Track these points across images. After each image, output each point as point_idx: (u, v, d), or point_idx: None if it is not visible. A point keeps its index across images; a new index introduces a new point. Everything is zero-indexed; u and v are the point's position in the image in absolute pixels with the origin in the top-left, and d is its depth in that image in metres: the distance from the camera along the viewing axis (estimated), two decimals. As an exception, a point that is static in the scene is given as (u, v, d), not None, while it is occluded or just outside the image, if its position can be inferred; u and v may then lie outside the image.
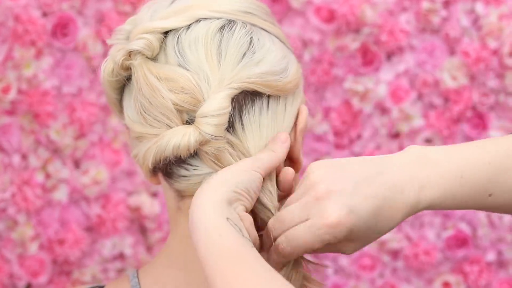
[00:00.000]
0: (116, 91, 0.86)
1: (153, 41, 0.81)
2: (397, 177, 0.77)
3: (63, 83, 1.35)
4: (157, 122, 0.80)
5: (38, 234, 1.36)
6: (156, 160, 0.80)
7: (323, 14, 1.37)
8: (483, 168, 0.80)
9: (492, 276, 1.41)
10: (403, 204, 0.77)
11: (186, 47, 0.81)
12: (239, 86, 0.79)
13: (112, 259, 1.38)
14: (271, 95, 0.81)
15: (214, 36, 0.81)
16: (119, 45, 0.84)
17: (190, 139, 0.78)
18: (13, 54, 1.32)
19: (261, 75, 0.80)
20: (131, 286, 0.88)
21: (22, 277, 1.35)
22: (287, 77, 0.82)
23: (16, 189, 1.34)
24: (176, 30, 0.82)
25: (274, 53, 0.83)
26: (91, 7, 1.35)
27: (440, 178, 0.78)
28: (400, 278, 1.41)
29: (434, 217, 1.40)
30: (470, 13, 1.38)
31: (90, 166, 1.36)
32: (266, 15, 0.87)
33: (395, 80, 1.38)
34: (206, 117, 0.77)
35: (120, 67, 0.82)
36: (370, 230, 0.76)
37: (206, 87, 0.79)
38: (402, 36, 1.37)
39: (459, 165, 0.79)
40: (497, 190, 0.80)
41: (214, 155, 0.79)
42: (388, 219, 0.77)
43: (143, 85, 0.80)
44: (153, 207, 1.37)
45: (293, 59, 0.86)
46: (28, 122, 1.34)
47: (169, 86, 0.79)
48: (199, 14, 0.82)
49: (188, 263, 0.85)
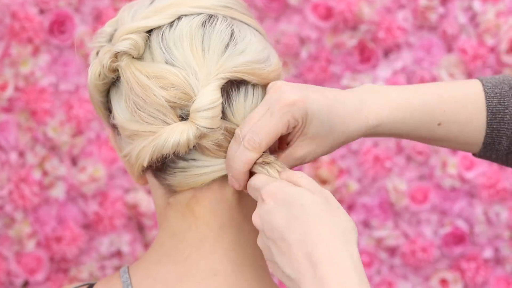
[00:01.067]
0: (102, 94, 0.87)
1: (138, 41, 0.82)
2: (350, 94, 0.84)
3: (60, 80, 1.35)
4: (153, 119, 0.81)
5: (35, 231, 1.36)
6: (153, 158, 0.81)
7: (320, 12, 1.37)
8: (431, 97, 0.85)
9: (489, 273, 1.41)
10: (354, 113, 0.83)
11: (171, 44, 0.82)
12: (226, 76, 0.80)
13: (110, 256, 1.38)
14: (255, 84, 0.83)
15: (197, 31, 0.82)
16: (104, 48, 0.84)
17: (189, 135, 0.79)
18: (10, 51, 1.32)
19: (246, 63, 0.82)
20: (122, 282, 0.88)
21: (19, 275, 1.35)
22: (271, 66, 0.84)
23: (13, 187, 1.34)
24: (159, 28, 0.83)
25: (256, 44, 0.84)
26: (88, 4, 1.34)
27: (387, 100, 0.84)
28: (397, 275, 1.42)
29: (431, 214, 1.41)
30: (467, 10, 1.38)
31: (88, 164, 1.36)
32: (245, 9, 0.89)
33: (393, 77, 1.38)
34: (201, 112, 0.78)
35: (108, 70, 0.83)
36: (325, 125, 0.81)
37: (195, 81, 0.80)
38: (400, 33, 1.37)
39: (408, 95, 0.85)
40: (446, 120, 0.85)
41: (215, 144, 0.80)
42: (342, 122, 0.82)
43: (134, 84, 0.81)
44: (150, 204, 1.37)
45: (273, 52, 0.88)
46: (25, 119, 1.34)
47: (160, 83, 0.80)
48: (180, 11, 0.83)
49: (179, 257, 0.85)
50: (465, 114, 0.86)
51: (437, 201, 1.40)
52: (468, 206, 1.41)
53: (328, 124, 0.81)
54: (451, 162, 1.39)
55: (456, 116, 0.86)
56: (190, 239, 0.83)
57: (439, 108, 0.85)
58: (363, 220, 1.40)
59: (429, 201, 1.40)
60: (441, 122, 0.86)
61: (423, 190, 1.40)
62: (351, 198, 1.40)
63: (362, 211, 1.40)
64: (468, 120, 0.86)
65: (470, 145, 0.88)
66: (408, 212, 1.40)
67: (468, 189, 1.41)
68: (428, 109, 0.85)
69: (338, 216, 0.74)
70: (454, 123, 0.86)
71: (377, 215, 1.40)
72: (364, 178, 1.40)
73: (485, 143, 0.87)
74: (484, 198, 1.40)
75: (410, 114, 0.84)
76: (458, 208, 1.41)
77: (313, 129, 0.81)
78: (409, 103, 0.85)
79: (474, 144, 0.87)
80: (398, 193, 1.39)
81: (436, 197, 1.40)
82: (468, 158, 1.39)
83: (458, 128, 0.86)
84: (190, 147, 0.80)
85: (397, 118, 0.84)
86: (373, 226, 1.40)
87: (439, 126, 0.86)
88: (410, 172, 1.40)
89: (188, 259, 0.84)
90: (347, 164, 1.40)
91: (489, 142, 0.87)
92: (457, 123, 0.86)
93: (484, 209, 1.40)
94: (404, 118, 0.84)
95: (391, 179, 1.40)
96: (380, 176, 1.39)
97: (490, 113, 0.86)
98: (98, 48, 0.86)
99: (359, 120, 0.83)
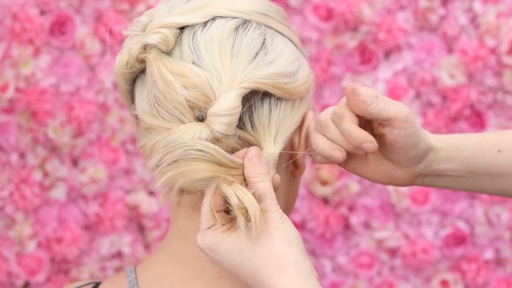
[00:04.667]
0: (128, 82, 0.87)
1: (169, 36, 0.81)
2: None
3: (61, 81, 1.35)
4: (170, 116, 0.81)
5: (36, 232, 1.36)
6: (164, 154, 0.81)
7: (321, 13, 1.37)
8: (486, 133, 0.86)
9: (490, 274, 1.41)
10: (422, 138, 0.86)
11: (201, 45, 0.81)
12: (250, 86, 0.80)
13: (110, 257, 1.38)
14: (280, 97, 0.82)
15: (229, 36, 0.82)
16: (135, 37, 0.85)
17: (201, 136, 0.78)
18: (11, 52, 1.32)
19: (272, 76, 0.81)
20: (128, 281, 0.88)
21: (20, 276, 1.35)
22: (297, 81, 0.84)
23: (14, 188, 1.34)
24: (192, 26, 0.83)
25: (287, 56, 0.84)
26: (89, 5, 1.35)
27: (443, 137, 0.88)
28: (398, 276, 1.41)
29: (431, 215, 1.40)
30: (468, 11, 1.38)
31: (88, 165, 1.36)
32: (282, 18, 0.88)
33: (393, 78, 1.38)
34: (217, 116, 0.78)
35: (135, 60, 0.83)
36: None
37: (218, 85, 0.79)
38: (400, 34, 1.37)
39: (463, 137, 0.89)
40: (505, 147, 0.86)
41: (227, 151, 0.80)
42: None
43: (158, 79, 0.81)
44: (151, 205, 1.37)
45: (305, 64, 0.88)
46: (26, 120, 1.34)
47: (183, 82, 0.80)
48: (216, 12, 0.83)
49: (186, 258, 0.85)
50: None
51: (437, 202, 1.40)
52: (469, 207, 1.41)
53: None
54: (451, 163, 1.39)
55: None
56: None
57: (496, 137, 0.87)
58: (364, 221, 1.40)
59: (429, 202, 1.40)
60: (501, 149, 0.86)
61: (424, 191, 1.40)
62: (352, 199, 1.40)
63: (363, 212, 1.40)
64: None
65: None
66: (409, 213, 1.40)
67: (468, 190, 1.41)
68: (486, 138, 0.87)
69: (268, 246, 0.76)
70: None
71: (377, 216, 1.40)
72: (364, 180, 1.40)
73: None
74: (485, 199, 1.40)
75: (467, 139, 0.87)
76: (459, 209, 1.41)
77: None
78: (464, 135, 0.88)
79: None
80: (398, 194, 1.39)
81: (437, 198, 1.40)
82: (469, 159, 1.39)
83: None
84: None
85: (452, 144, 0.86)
86: (374, 227, 1.40)
87: (499, 152, 0.85)
88: (410, 173, 1.40)
89: (195, 261, 0.84)
90: (347, 165, 1.40)
91: None
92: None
93: (484, 210, 1.40)
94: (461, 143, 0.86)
95: (391, 180, 1.39)
96: (381, 177, 1.39)
97: None
98: (132, 36, 0.86)
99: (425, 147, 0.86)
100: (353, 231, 1.41)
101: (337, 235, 1.41)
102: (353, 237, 1.41)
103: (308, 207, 1.40)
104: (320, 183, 1.39)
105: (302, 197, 1.40)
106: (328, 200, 1.41)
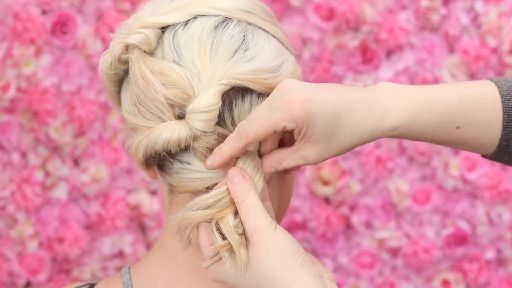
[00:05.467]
0: (115, 84, 0.88)
1: (150, 36, 0.82)
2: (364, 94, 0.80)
3: (62, 81, 1.35)
4: (151, 114, 0.81)
5: (38, 232, 1.36)
6: (146, 153, 0.82)
7: (322, 12, 1.37)
8: (452, 100, 0.82)
9: (492, 274, 1.41)
10: (367, 116, 0.79)
11: (181, 44, 0.82)
12: (229, 82, 0.80)
13: (112, 257, 1.38)
14: (261, 93, 0.82)
15: (209, 34, 0.82)
16: (118, 39, 0.85)
17: (180, 134, 0.79)
18: (13, 52, 1.32)
19: (252, 71, 0.81)
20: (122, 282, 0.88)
21: (21, 275, 1.35)
22: (279, 76, 0.83)
23: (16, 187, 1.34)
24: (173, 26, 0.83)
25: (268, 51, 0.83)
26: (91, 5, 1.35)
27: (407, 102, 0.80)
28: (399, 276, 1.41)
29: (433, 215, 1.40)
30: (469, 11, 1.38)
31: (90, 164, 1.36)
32: (266, 15, 0.87)
33: (395, 78, 1.38)
34: (196, 113, 0.78)
35: (118, 61, 0.83)
36: (331, 128, 0.78)
37: (197, 83, 0.80)
38: (402, 34, 1.37)
39: (428, 95, 0.82)
40: (465, 123, 0.83)
41: (207, 149, 0.80)
42: (351, 124, 0.78)
43: (139, 78, 0.81)
44: (153, 205, 1.37)
45: (291, 60, 0.87)
46: (27, 120, 1.34)
47: (162, 80, 0.80)
48: (197, 11, 0.83)
49: (180, 255, 0.85)
50: (483, 117, 0.84)
51: (439, 202, 1.40)
52: (470, 207, 1.41)
53: (334, 127, 0.78)
54: (453, 163, 1.39)
55: (474, 119, 0.84)
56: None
57: (459, 111, 0.83)
58: (365, 221, 1.40)
59: (431, 202, 1.40)
60: (460, 125, 0.84)
61: (425, 191, 1.40)
62: (353, 199, 1.40)
63: (364, 212, 1.40)
64: (486, 123, 0.84)
65: (484, 147, 0.86)
66: (410, 213, 1.40)
67: (470, 190, 1.40)
68: (449, 112, 0.83)
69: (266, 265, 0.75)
70: (472, 126, 0.84)
71: (379, 216, 1.40)
72: (366, 179, 1.40)
73: (500, 146, 0.85)
74: (486, 199, 1.40)
75: (429, 114, 0.82)
76: (460, 209, 1.41)
77: (316, 132, 0.78)
78: (431, 105, 0.82)
79: (488, 146, 0.86)
80: (400, 194, 1.39)
81: (438, 198, 1.40)
82: (471, 159, 1.39)
83: (475, 131, 0.84)
84: (181, 146, 0.80)
85: (415, 119, 0.81)
86: (375, 227, 1.40)
87: (457, 129, 0.84)
88: (412, 173, 1.40)
89: (188, 259, 0.84)
90: (349, 165, 1.40)
91: (504, 145, 0.85)
92: (475, 126, 0.84)
93: (486, 210, 1.40)
94: (422, 120, 0.81)
95: (393, 180, 1.39)
96: (382, 177, 1.39)
97: (507, 115, 0.84)
98: (116, 37, 0.87)
99: (372, 123, 0.79)
100: (354, 231, 1.41)
101: (338, 235, 1.41)
102: (354, 237, 1.41)
103: (309, 207, 1.40)
104: (321, 183, 1.39)
105: (303, 197, 1.40)
106: (329, 200, 1.41)
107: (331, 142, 0.79)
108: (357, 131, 0.79)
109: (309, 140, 0.79)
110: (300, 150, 0.80)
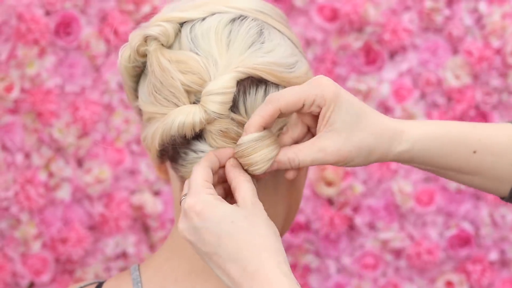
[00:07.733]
0: (133, 79, 0.89)
1: (168, 29, 0.84)
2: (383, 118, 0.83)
3: (66, 82, 1.35)
4: (166, 101, 0.82)
5: (41, 232, 1.36)
6: (162, 139, 0.82)
7: (326, 13, 1.37)
8: (468, 126, 0.85)
9: (495, 275, 1.41)
10: (387, 124, 0.82)
11: (198, 35, 0.83)
12: (245, 71, 0.81)
13: (115, 257, 1.38)
14: (274, 84, 0.82)
15: (226, 25, 0.84)
16: (136, 31, 0.86)
17: (195, 117, 0.80)
18: (16, 52, 1.32)
19: (268, 63, 0.83)
20: (132, 279, 0.89)
21: (25, 276, 1.35)
22: (294, 72, 0.84)
23: (19, 188, 1.34)
24: (191, 21, 0.85)
25: (284, 48, 0.85)
26: (94, 6, 1.35)
27: (422, 125, 0.83)
28: (402, 277, 1.41)
29: (436, 216, 1.40)
30: (473, 12, 1.38)
31: (93, 165, 1.36)
32: (280, 17, 0.90)
33: (398, 79, 1.38)
34: (211, 95, 0.79)
35: (136, 53, 0.85)
36: (353, 120, 0.80)
37: (214, 69, 0.81)
38: (405, 35, 1.37)
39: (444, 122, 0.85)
40: (481, 148, 0.84)
41: (220, 132, 0.81)
42: (372, 124, 0.81)
43: (156, 67, 0.83)
44: (156, 205, 1.37)
45: (304, 62, 0.88)
46: (31, 121, 1.34)
47: (179, 68, 0.81)
48: (215, 9, 0.86)
49: (188, 253, 0.86)
50: (499, 146, 0.84)
51: (442, 203, 1.40)
52: (474, 208, 1.41)
53: (357, 120, 0.80)
54: (456, 164, 1.39)
55: (490, 146, 0.84)
56: None
57: (474, 136, 0.84)
58: (369, 222, 1.40)
59: (434, 203, 1.40)
60: (476, 150, 0.84)
61: (429, 192, 1.40)
62: (357, 200, 1.40)
63: (368, 213, 1.40)
64: (503, 152, 0.84)
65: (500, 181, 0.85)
66: (414, 214, 1.40)
67: (473, 191, 1.40)
68: (463, 136, 0.83)
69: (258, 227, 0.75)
70: (488, 154, 0.84)
71: (382, 217, 1.40)
72: (369, 180, 1.40)
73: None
74: (490, 200, 1.39)
75: (447, 135, 0.83)
76: (464, 210, 1.41)
77: (340, 119, 0.79)
78: (445, 127, 0.83)
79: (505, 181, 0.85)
80: (403, 195, 1.39)
81: (442, 199, 1.40)
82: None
83: (492, 159, 0.84)
84: (196, 130, 0.81)
85: (431, 136, 0.82)
86: (379, 228, 1.40)
87: (474, 154, 0.84)
88: (415, 174, 1.40)
89: (196, 256, 0.85)
90: (352, 166, 1.40)
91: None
92: (491, 154, 0.84)
93: (489, 211, 1.40)
94: (437, 138, 0.83)
95: (396, 181, 1.39)
96: (386, 178, 1.39)
97: None
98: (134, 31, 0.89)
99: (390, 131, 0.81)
100: (357, 232, 1.41)
101: (341, 236, 1.41)
102: (357, 238, 1.41)
103: (312, 208, 1.40)
104: (324, 184, 1.39)
105: (306, 197, 1.40)
106: (332, 201, 1.41)
107: (351, 136, 0.80)
108: (378, 132, 0.81)
109: (331, 128, 0.79)
110: (320, 140, 0.80)
